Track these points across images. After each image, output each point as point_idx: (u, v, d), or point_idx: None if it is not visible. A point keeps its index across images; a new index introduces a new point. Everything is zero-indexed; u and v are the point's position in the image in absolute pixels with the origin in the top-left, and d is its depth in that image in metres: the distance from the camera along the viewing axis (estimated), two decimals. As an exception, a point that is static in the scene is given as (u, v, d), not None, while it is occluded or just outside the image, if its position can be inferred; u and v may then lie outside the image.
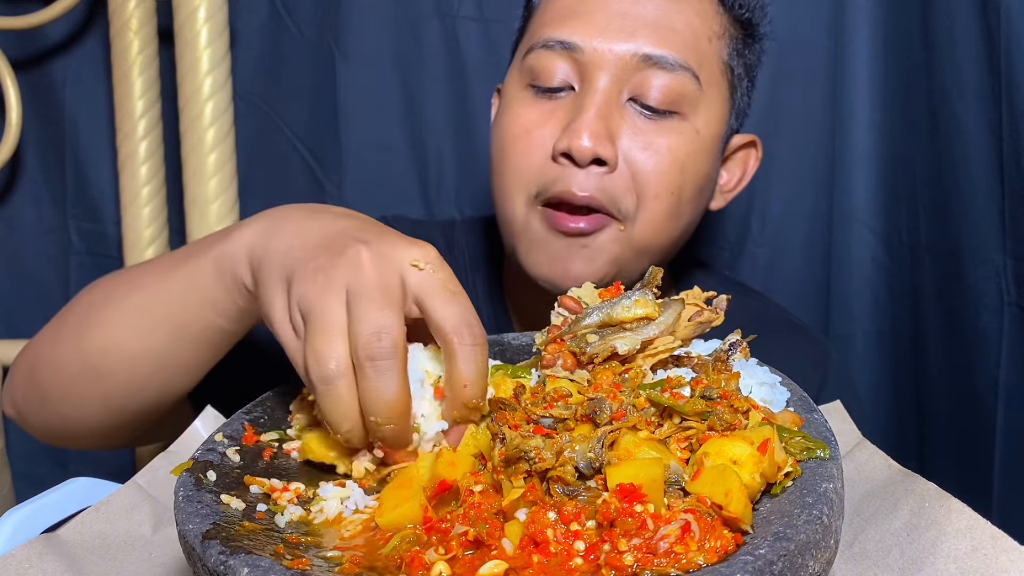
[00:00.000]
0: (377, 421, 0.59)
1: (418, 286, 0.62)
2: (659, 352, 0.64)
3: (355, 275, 0.62)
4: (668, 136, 0.94)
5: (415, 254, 0.64)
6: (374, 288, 0.61)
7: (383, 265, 0.62)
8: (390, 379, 0.59)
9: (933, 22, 1.26)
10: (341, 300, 0.61)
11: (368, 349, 0.59)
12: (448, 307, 0.62)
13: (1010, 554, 0.56)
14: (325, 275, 0.62)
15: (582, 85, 0.95)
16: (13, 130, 1.39)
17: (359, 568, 0.51)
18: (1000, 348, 1.22)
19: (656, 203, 0.95)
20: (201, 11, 1.31)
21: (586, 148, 0.90)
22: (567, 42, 0.94)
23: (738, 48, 1.00)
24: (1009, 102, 1.16)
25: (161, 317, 0.78)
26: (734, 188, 1.09)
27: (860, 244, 1.38)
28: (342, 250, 0.63)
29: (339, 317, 0.60)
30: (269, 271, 0.67)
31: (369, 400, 0.59)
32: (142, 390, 0.82)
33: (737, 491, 0.50)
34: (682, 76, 0.93)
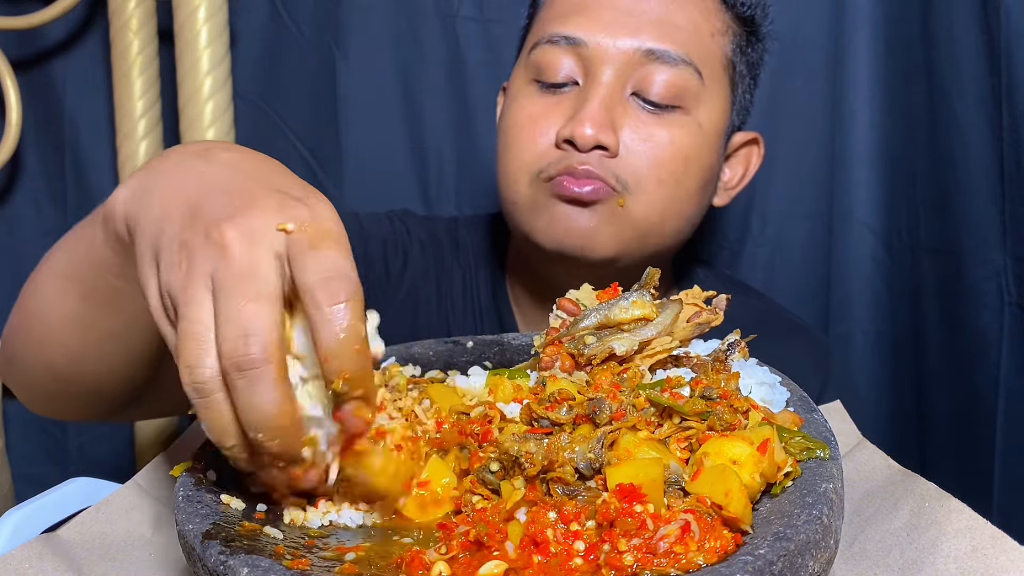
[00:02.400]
0: (259, 438, 0.52)
1: (290, 255, 0.53)
2: (657, 353, 0.64)
3: (219, 260, 0.53)
4: (671, 128, 0.96)
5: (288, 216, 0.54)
6: (240, 276, 0.52)
7: (251, 244, 0.53)
8: (264, 389, 0.51)
9: (933, 22, 1.25)
10: (207, 292, 0.53)
11: (233, 358, 0.50)
12: (306, 270, 0.52)
13: (1010, 554, 0.56)
14: (188, 259, 0.54)
15: (586, 79, 0.97)
16: (13, 130, 1.39)
17: (359, 568, 0.51)
18: (1000, 348, 1.22)
19: (659, 187, 0.96)
20: (201, 11, 1.31)
21: (588, 135, 0.92)
22: (572, 37, 0.96)
23: (740, 45, 1.02)
24: (1009, 102, 1.16)
25: (71, 279, 0.73)
26: (736, 185, 1.10)
27: (860, 244, 1.38)
28: (206, 229, 0.54)
29: (206, 315, 0.52)
30: (140, 240, 0.59)
31: (246, 416, 0.51)
32: (78, 358, 0.77)
33: (737, 491, 0.50)
34: (684, 71, 0.95)
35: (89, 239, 0.70)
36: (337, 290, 0.52)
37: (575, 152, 0.94)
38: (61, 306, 0.76)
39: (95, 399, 0.85)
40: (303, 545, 0.55)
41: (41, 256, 0.83)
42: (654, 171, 0.95)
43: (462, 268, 1.14)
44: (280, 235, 0.53)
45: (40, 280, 0.80)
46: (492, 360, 0.80)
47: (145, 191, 0.61)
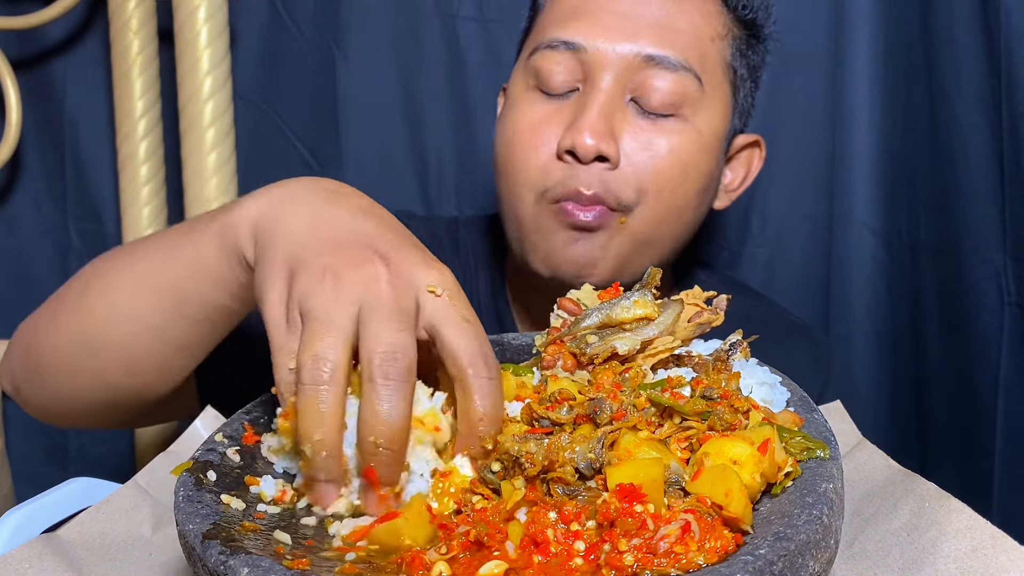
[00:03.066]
0: (376, 442, 0.55)
1: (433, 313, 0.60)
2: (659, 352, 0.64)
3: (370, 292, 0.59)
4: (670, 136, 0.95)
5: (433, 279, 0.61)
6: (391, 308, 0.58)
7: (400, 286, 0.59)
8: (402, 401, 0.56)
9: (933, 22, 1.26)
10: (350, 307, 0.58)
11: (384, 367, 0.56)
12: (464, 338, 0.59)
13: (1010, 554, 0.56)
14: (336, 281, 0.59)
15: (585, 85, 0.96)
16: (13, 130, 1.39)
17: (359, 568, 0.51)
18: (1000, 348, 1.22)
19: (658, 199, 0.96)
20: (201, 11, 1.31)
21: (589, 145, 0.92)
22: (571, 42, 0.95)
23: (741, 49, 1.01)
24: (1009, 102, 1.16)
25: (160, 289, 0.76)
26: (738, 187, 1.10)
27: (860, 244, 1.38)
28: (359, 261, 0.60)
29: (346, 322, 0.57)
30: (273, 252, 0.64)
31: (375, 419, 0.56)
32: (137, 368, 0.80)
33: (737, 491, 0.50)
34: (684, 77, 0.94)
35: (193, 251, 0.73)
36: (493, 366, 0.59)
37: (578, 167, 0.93)
38: (143, 314, 0.77)
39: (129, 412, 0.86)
40: (303, 545, 0.55)
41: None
42: (654, 181, 0.95)
43: (463, 268, 1.14)
44: (424, 291, 0.60)
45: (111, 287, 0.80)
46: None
47: (280, 212, 0.67)
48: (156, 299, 0.76)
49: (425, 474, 0.59)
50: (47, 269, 1.50)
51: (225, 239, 0.70)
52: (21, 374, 0.88)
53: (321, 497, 0.58)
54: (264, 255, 0.65)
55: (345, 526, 0.57)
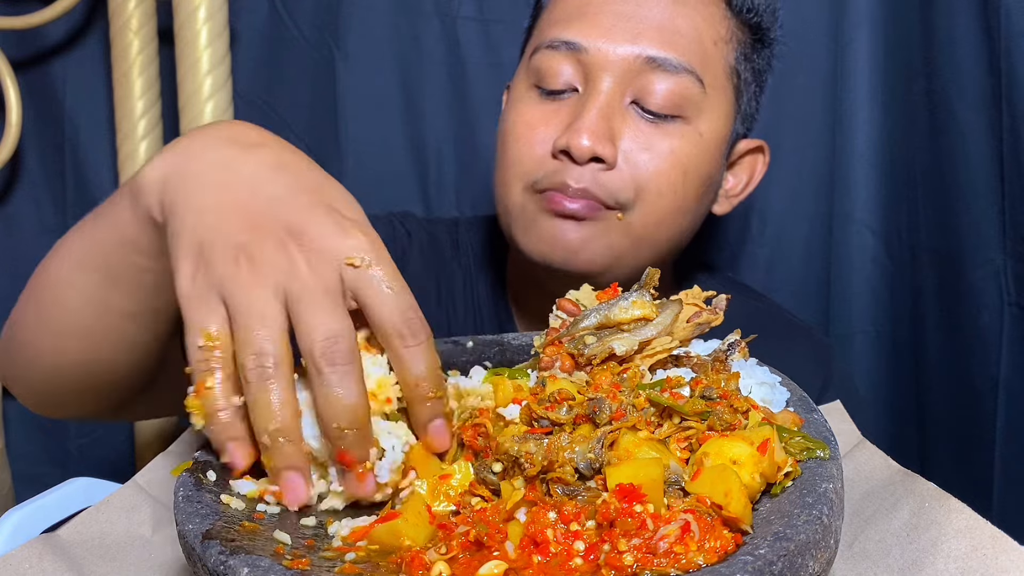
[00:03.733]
0: (340, 426, 0.56)
1: (354, 284, 0.59)
2: (657, 353, 0.64)
3: (290, 276, 0.58)
4: (670, 139, 0.95)
5: (350, 246, 0.59)
6: (316, 291, 0.58)
7: (320, 265, 0.58)
8: (352, 383, 0.57)
9: (933, 22, 1.25)
10: (277, 297, 0.57)
11: (327, 355, 0.56)
12: (386, 307, 0.59)
13: (1010, 554, 0.56)
14: (252, 266, 0.58)
15: (585, 86, 0.95)
16: (13, 130, 1.39)
17: (359, 568, 0.51)
18: (1000, 348, 1.22)
19: (658, 199, 0.95)
20: (201, 11, 1.31)
21: (585, 147, 0.91)
22: (572, 43, 0.95)
23: (745, 53, 1.00)
24: (1009, 102, 1.16)
25: (92, 259, 0.75)
26: (740, 193, 1.09)
27: (860, 244, 1.38)
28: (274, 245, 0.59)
29: (276, 313, 0.57)
30: (180, 225, 0.62)
31: (333, 406, 0.56)
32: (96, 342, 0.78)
33: (737, 491, 0.50)
34: (685, 79, 0.94)
35: (113, 218, 0.72)
36: (419, 330, 0.59)
37: (571, 165, 0.93)
38: (79, 289, 0.77)
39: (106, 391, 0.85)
40: (303, 545, 0.55)
41: (41, 256, 0.83)
42: (653, 182, 0.94)
43: (463, 269, 1.14)
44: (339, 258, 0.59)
45: (55, 266, 0.80)
46: (492, 360, 0.80)
47: (181, 176, 0.64)
48: (89, 269, 0.75)
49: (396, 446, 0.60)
50: (47, 269, 1.50)
51: (137, 203, 0.68)
52: (8, 366, 0.89)
53: (289, 488, 0.58)
54: (172, 227, 0.63)
55: (345, 526, 0.57)
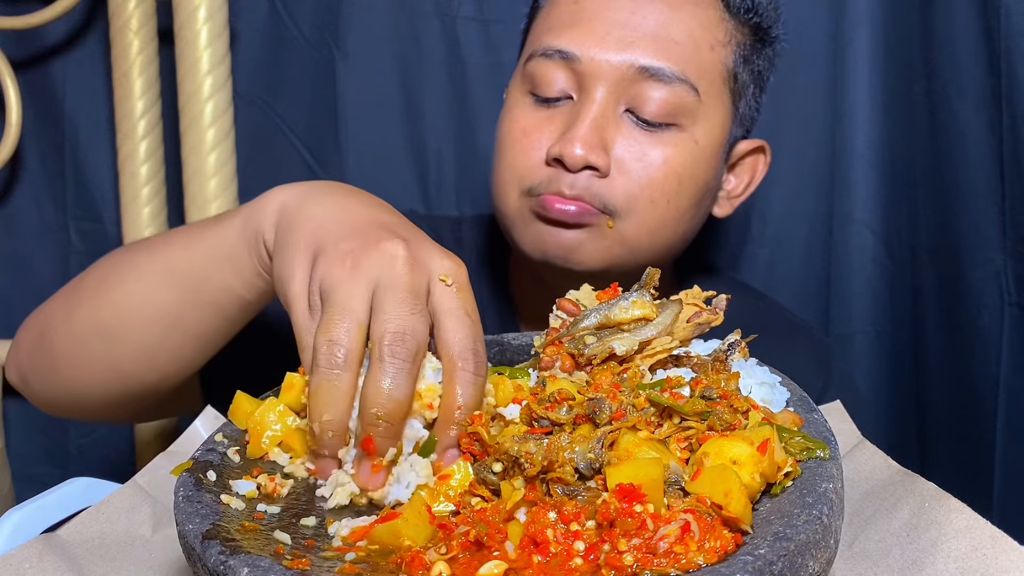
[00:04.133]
0: (378, 414, 0.58)
1: (439, 300, 0.62)
2: (657, 353, 0.64)
3: (387, 271, 0.61)
4: (665, 147, 0.94)
5: (447, 267, 0.64)
6: (405, 289, 0.61)
7: (416, 269, 0.62)
8: (405, 380, 0.59)
9: (933, 22, 1.26)
10: (367, 291, 0.61)
11: (394, 347, 0.59)
12: (461, 330, 0.61)
13: (1010, 554, 0.56)
14: (355, 261, 0.62)
15: (579, 95, 0.95)
16: (13, 130, 1.39)
17: (359, 568, 0.51)
18: (1000, 348, 1.22)
19: (651, 208, 0.95)
20: (201, 11, 1.31)
21: (578, 156, 0.91)
22: (565, 51, 0.94)
23: (745, 55, 1.00)
24: (1009, 102, 1.16)
25: (179, 274, 0.78)
26: (742, 194, 1.09)
27: (860, 244, 1.38)
28: (378, 241, 0.63)
29: (362, 308, 0.60)
30: (296, 237, 0.67)
31: (378, 394, 0.58)
32: (153, 357, 0.82)
33: (737, 491, 0.50)
34: (679, 88, 0.93)
35: (216, 237, 0.76)
36: (481, 364, 0.61)
37: (564, 173, 0.93)
38: (163, 300, 0.80)
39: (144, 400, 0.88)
40: (303, 545, 0.55)
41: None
42: (646, 192, 0.94)
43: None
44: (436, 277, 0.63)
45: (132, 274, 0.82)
46: (492, 360, 0.80)
47: (305, 199, 0.71)
48: (173, 284, 0.79)
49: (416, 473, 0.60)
50: (47, 269, 1.50)
51: (248, 224, 0.73)
52: (30, 364, 0.89)
53: (322, 470, 0.62)
54: (287, 239, 0.68)
55: (345, 526, 0.57)
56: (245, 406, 0.67)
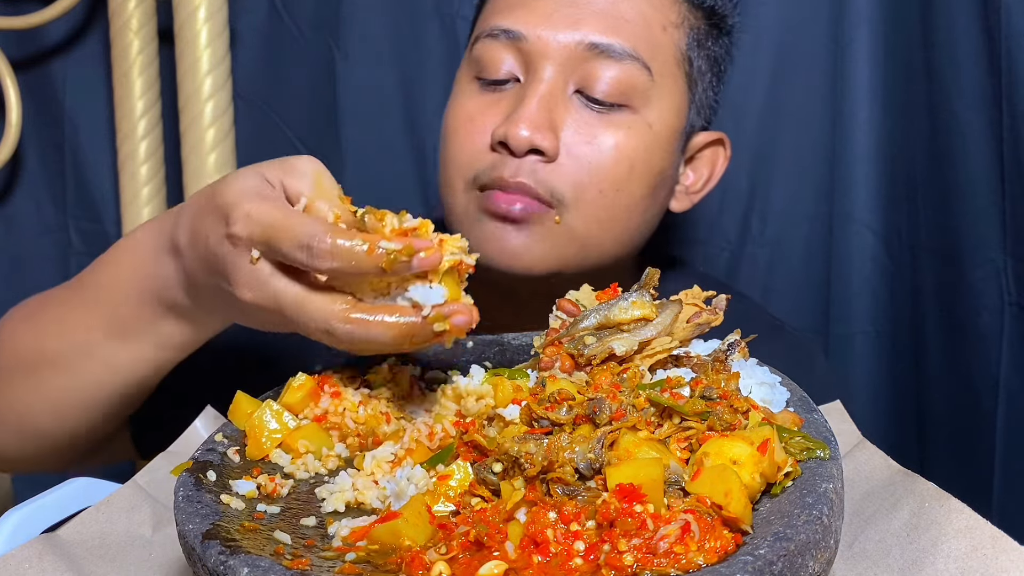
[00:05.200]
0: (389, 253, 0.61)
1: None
2: (657, 353, 0.64)
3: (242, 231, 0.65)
4: (616, 130, 0.91)
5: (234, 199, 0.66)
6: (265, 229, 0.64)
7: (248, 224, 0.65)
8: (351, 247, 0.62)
9: (933, 22, 1.25)
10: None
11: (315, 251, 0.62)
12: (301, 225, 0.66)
13: (1010, 554, 0.56)
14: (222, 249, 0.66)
15: (527, 75, 0.92)
16: (13, 130, 1.39)
17: (359, 568, 0.51)
18: (1001, 348, 1.22)
19: (600, 198, 0.91)
20: (201, 11, 1.31)
21: (523, 137, 0.87)
22: (511, 31, 0.91)
23: (699, 39, 0.96)
24: (1010, 102, 1.16)
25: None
26: (701, 189, 1.05)
27: (860, 244, 1.38)
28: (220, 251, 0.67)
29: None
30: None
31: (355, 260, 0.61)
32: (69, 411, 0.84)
33: (737, 491, 0.50)
34: (631, 66, 0.90)
35: None
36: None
37: (509, 158, 0.89)
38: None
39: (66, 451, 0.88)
40: (303, 545, 0.55)
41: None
42: (594, 179, 0.90)
43: None
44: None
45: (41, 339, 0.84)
46: (492, 360, 0.80)
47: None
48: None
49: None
50: (47, 269, 1.50)
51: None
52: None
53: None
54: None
55: (345, 526, 0.57)
56: (245, 407, 0.67)
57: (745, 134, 1.37)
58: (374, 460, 0.63)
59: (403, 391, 0.73)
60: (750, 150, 1.38)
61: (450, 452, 0.61)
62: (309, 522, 0.58)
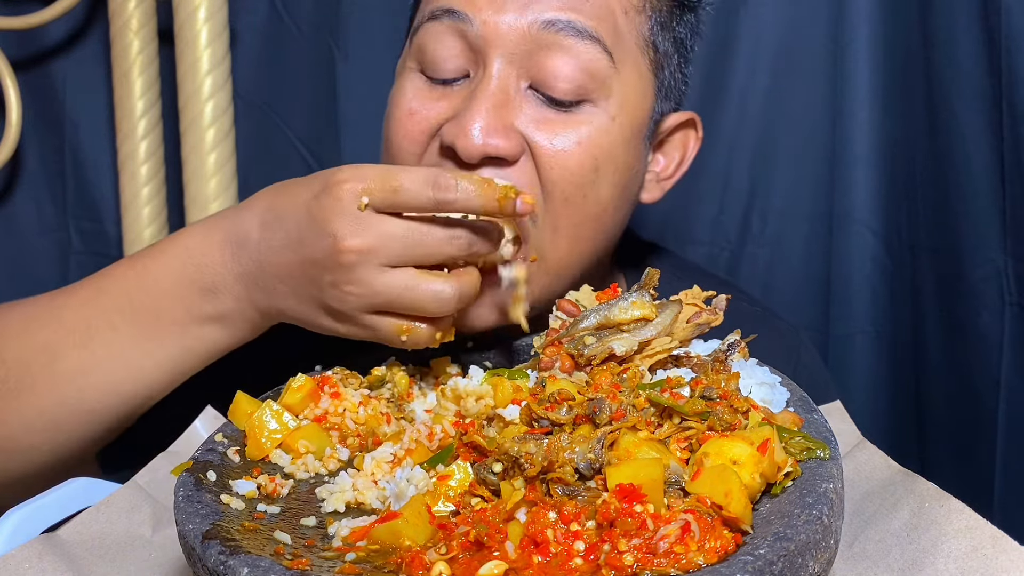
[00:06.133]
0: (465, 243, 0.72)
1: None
2: (656, 353, 0.64)
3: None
4: (577, 128, 0.81)
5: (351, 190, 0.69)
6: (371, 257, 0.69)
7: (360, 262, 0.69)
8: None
9: (933, 22, 1.25)
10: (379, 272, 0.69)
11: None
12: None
13: (1010, 554, 0.56)
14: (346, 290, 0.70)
15: (475, 69, 0.82)
16: (13, 130, 1.39)
17: (359, 568, 0.51)
18: (1001, 348, 1.22)
19: (567, 208, 0.82)
20: (201, 11, 1.31)
21: (475, 146, 0.78)
22: (455, 11, 0.81)
23: (662, 21, 0.88)
24: (1010, 102, 1.16)
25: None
26: (673, 174, 0.96)
27: (860, 244, 1.38)
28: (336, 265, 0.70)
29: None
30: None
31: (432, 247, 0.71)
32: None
33: (737, 491, 0.50)
34: (591, 50, 0.80)
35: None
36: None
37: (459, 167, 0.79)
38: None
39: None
40: (303, 545, 0.55)
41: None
42: (558, 188, 0.81)
43: None
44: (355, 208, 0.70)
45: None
46: (492, 360, 0.80)
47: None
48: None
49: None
50: (47, 269, 1.51)
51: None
52: None
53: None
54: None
55: (345, 526, 0.57)
56: (245, 407, 0.67)
57: (745, 134, 1.37)
58: (374, 460, 0.63)
59: (403, 391, 0.73)
60: (750, 150, 1.38)
61: (450, 452, 0.61)
62: (309, 522, 0.58)
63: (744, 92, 1.36)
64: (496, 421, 0.61)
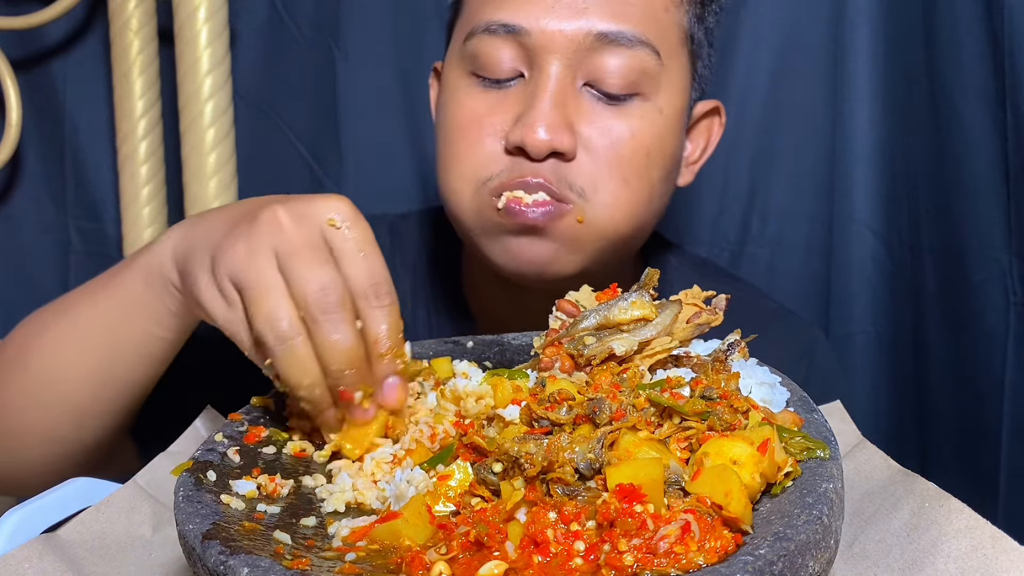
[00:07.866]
0: (341, 368, 0.62)
1: (333, 244, 0.65)
2: (656, 353, 0.64)
3: (278, 236, 0.64)
4: (631, 120, 0.88)
5: (330, 208, 0.65)
6: (302, 247, 0.63)
7: (303, 223, 0.64)
8: (345, 329, 0.62)
9: (936, 21, 1.25)
10: (272, 263, 0.63)
11: (320, 305, 0.62)
12: (357, 268, 0.64)
13: (1010, 554, 0.56)
14: (246, 241, 0.64)
15: (532, 72, 0.88)
16: (13, 130, 1.39)
17: (359, 568, 0.51)
18: (1006, 349, 1.22)
19: (623, 188, 0.88)
20: (201, 11, 1.31)
21: (542, 141, 0.84)
22: (512, 25, 0.86)
23: (698, 13, 0.93)
24: (1014, 101, 1.16)
25: (97, 335, 0.79)
26: (699, 159, 1.02)
27: (860, 244, 1.38)
28: (256, 214, 0.65)
29: (275, 278, 0.63)
30: (193, 259, 0.70)
31: (331, 352, 0.62)
32: (87, 415, 0.82)
33: (737, 491, 0.50)
34: (640, 53, 0.87)
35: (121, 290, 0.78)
36: (383, 294, 0.64)
37: (526, 162, 0.86)
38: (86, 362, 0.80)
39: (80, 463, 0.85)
40: (303, 545, 0.55)
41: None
42: (615, 171, 0.88)
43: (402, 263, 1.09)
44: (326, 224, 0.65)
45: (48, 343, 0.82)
46: (492, 360, 0.80)
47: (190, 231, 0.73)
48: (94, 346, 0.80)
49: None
50: (47, 269, 1.51)
51: (149, 273, 0.75)
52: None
53: (327, 423, 0.65)
54: (188, 268, 0.70)
55: (345, 526, 0.57)
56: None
57: (745, 134, 1.37)
58: (374, 461, 0.63)
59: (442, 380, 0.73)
60: (750, 150, 1.38)
61: (450, 452, 0.61)
62: (309, 522, 0.58)
63: (744, 92, 1.36)
64: (496, 421, 0.61)
